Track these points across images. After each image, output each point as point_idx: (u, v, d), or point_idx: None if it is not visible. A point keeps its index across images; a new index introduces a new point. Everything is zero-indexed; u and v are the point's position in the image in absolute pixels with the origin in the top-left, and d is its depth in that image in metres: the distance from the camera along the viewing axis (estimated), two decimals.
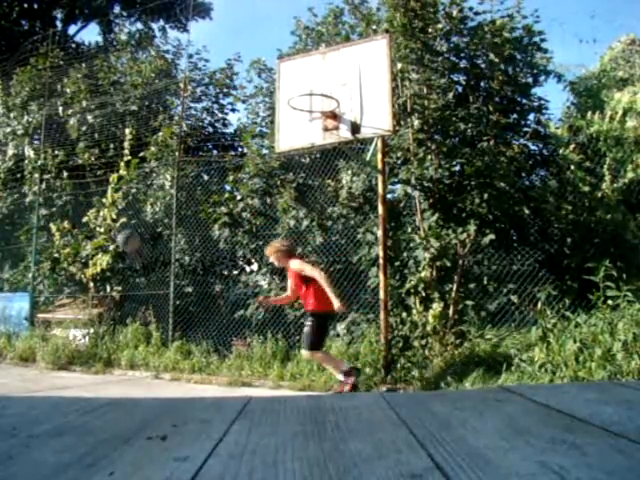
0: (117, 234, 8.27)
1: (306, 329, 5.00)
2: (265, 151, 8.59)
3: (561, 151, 7.63)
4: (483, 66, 7.17)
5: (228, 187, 8.60)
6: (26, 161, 10.86)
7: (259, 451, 1.15)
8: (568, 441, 1.14)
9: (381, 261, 5.99)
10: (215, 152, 10.20)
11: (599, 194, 7.26)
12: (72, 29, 19.77)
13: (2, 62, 13.08)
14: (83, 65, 11.44)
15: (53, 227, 9.32)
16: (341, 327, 6.67)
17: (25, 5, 18.66)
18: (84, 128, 10.56)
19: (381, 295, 5.94)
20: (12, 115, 11.70)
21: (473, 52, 7.17)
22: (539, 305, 5.31)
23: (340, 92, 5.77)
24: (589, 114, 8.13)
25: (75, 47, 15.19)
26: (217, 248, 8.24)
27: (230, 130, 10.80)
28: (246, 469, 1.03)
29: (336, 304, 4.79)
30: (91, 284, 8.65)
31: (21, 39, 15.34)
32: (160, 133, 9.44)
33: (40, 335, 8.38)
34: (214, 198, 8.27)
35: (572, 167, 7.46)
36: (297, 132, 5.91)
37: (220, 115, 10.67)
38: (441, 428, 1.29)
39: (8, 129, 11.57)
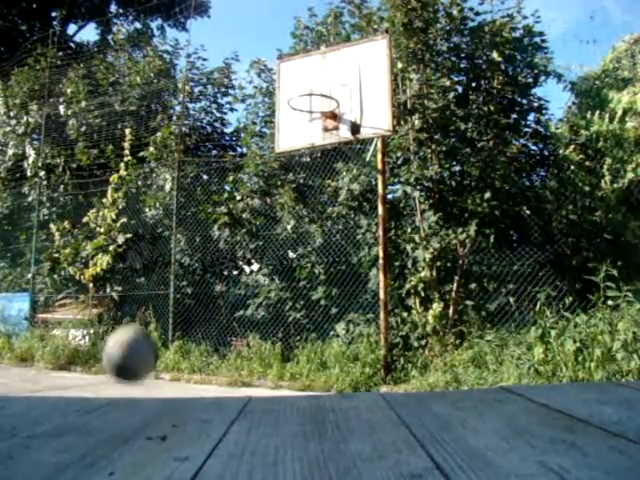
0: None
1: None
2: (265, 151, 8.59)
3: (561, 151, 7.63)
4: (484, 66, 7.18)
5: (228, 187, 8.60)
6: (25, 162, 10.87)
7: (259, 451, 1.15)
8: (568, 441, 1.14)
9: (381, 261, 5.99)
10: (214, 152, 10.20)
11: (599, 194, 7.26)
12: (71, 29, 19.81)
13: (1, 62, 13.08)
14: (82, 65, 11.44)
15: (53, 227, 9.32)
16: (340, 327, 6.67)
17: (23, 4, 18.64)
18: (83, 128, 10.55)
19: (381, 295, 5.95)
20: (12, 114, 11.70)
21: (473, 52, 7.18)
22: (539, 305, 5.31)
23: (340, 92, 5.77)
24: (589, 114, 8.13)
25: (74, 47, 15.19)
26: (217, 248, 8.24)
27: (229, 130, 10.81)
28: (246, 469, 1.03)
29: None
30: (91, 284, 8.65)
31: (20, 39, 15.34)
32: (159, 133, 9.44)
33: (40, 335, 8.38)
34: (214, 198, 8.27)
35: (572, 167, 7.46)
36: (297, 132, 5.91)
37: (218, 115, 10.66)
38: (441, 428, 1.29)
39: (8, 129, 11.57)
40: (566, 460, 1.03)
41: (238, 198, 8.32)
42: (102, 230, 8.78)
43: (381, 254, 5.99)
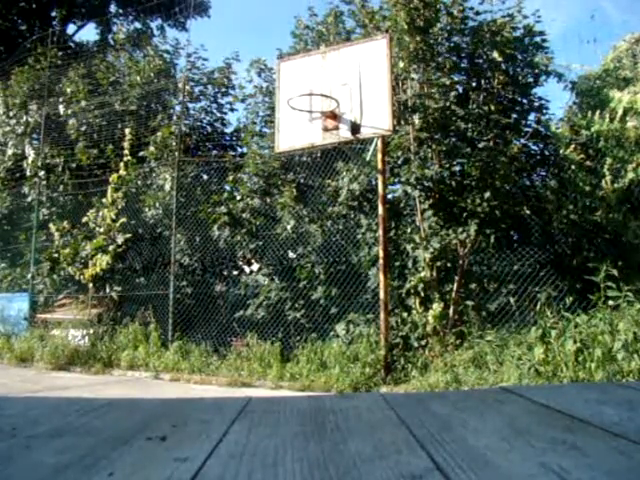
0: None
1: None
2: (265, 151, 8.59)
3: (562, 151, 7.63)
4: (484, 66, 7.18)
5: (228, 187, 8.60)
6: (25, 162, 10.87)
7: (259, 452, 1.15)
8: (568, 442, 1.14)
9: (381, 261, 5.99)
10: (214, 152, 10.20)
11: (600, 194, 7.25)
12: (71, 29, 19.81)
13: (1, 62, 13.08)
14: (81, 65, 11.44)
15: (52, 227, 9.32)
16: (340, 327, 6.67)
17: (23, 4, 18.63)
18: (83, 128, 10.56)
19: (381, 295, 5.94)
20: (11, 113, 11.70)
21: (474, 52, 7.18)
22: (539, 305, 5.31)
23: (340, 92, 5.77)
24: (589, 113, 8.12)
25: (74, 47, 15.19)
26: (217, 248, 8.24)
27: (229, 130, 10.81)
28: (246, 470, 1.03)
29: None
30: (90, 284, 8.65)
31: (20, 39, 15.34)
32: (159, 133, 9.44)
33: (39, 335, 8.38)
34: (214, 198, 8.27)
35: (573, 167, 7.46)
36: (297, 132, 5.92)
37: (219, 114, 10.67)
38: (441, 429, 1.28)
39: (7, 128, 11.57)
40: (567, 460, 1.02)
41: (238, 198, 8.32)
42: (102, 230, 8.78)
43: (381, 254, 5.99)
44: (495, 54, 6.93)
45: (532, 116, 7.42)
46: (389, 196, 6.74)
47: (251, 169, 8.26)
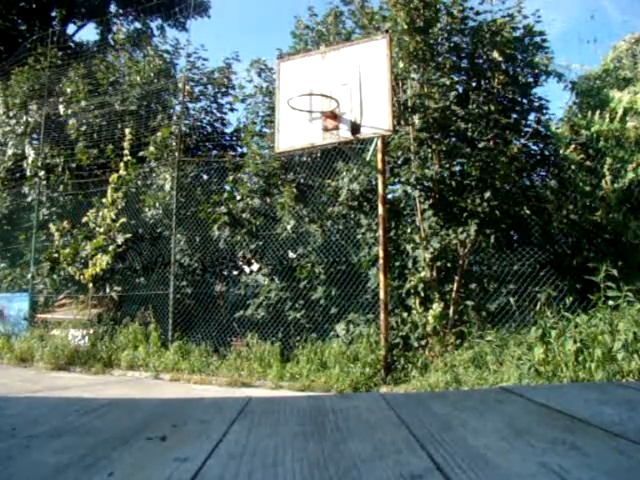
0: None
1: None
2: (265, 151, 8.60)
3: (562, 151, 7.63)
4: (484, 66, 7.18)
5: (228, 187, 8.60)
6: (25, 162, 10.87)
7: (259, 452, 1.15)
8: (568, 442, 1.14)
9: (381, 261, 5.99)
10: (214, 152, 10.20)
11: (600, 194, 7.25)
12: (71, 29, 19.82)
13: (1, 62, 13.09)
14: (81, 65, 11.44)
15: (52, 227, 9.32)
16: (340, 327, 6.67)
17: (23, 4, 18.63)
18: (83, 128, 10.56)
19: (381, 295, 5.94)
20: (11, 114, 11.70)
21: (474, 52, 7.18)
22: (539, 305, 5.31)
23: (340, 92, 5.77)
24: (589, 113, 8.12)
25: (74, 47, 15.19)
26: (217, 248, 8.24)
27: (229, 130, 10.82)
28: (246, 470, 1.03)
29: None
30: (90, 284, 8.65)
31: (20, 39, 15.35)
32: (159, 133, 9.44)
33: (39, 335, 8.38)
34: (214, 198, 8.27)
35: (573, 167, 7.46)
36: (297, 132, 5.92)
37: (219, 114, 10.67)
38: (441, 429, 1.28)
39: (7, 128, 11.57)
40: (567, 460, 1.02)
41: (238, 198, 8.32)
42: (102, 230, 8.78)
43: (381, 254, 5.99)
44: (495, 54, 6.93)
45: (532, 116, 7.43)
46: (389, 196, 6.74)
47: (251, 169, 8.27)
